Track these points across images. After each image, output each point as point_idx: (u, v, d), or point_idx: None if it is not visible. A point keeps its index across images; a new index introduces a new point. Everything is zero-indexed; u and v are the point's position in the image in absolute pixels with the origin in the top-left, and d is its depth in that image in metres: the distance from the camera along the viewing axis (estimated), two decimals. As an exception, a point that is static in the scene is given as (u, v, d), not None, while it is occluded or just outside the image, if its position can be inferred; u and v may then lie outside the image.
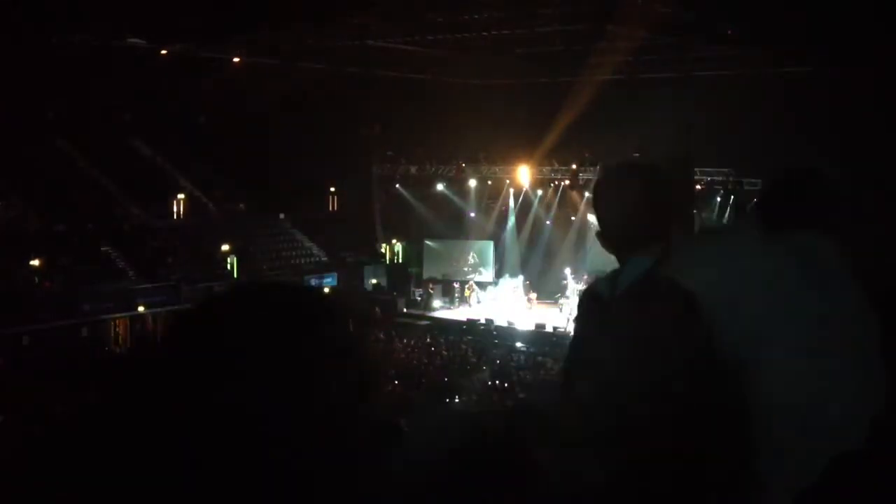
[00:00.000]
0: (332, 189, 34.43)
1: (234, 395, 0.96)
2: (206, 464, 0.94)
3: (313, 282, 26.74)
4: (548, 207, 31.27)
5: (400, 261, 33.87)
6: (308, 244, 32.33)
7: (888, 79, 20.14)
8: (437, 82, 29.39)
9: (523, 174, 29.77)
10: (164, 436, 0.96)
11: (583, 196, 30.31)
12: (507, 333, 26.56)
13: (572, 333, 1.95)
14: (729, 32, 20.86)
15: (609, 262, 1.88)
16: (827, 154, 22.26)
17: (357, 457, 1.01)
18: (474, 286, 30.93)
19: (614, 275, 1.81)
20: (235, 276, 28.08)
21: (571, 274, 28.76)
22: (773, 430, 1.53)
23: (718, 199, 26.49)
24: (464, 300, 30.55)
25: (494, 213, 32.55)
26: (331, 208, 34.79)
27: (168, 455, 0.95)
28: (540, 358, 23.34)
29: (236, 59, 26.73)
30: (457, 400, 17.25)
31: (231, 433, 0.95)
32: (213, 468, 0.94)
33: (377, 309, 28.49)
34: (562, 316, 27.27)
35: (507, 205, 32.34)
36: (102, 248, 26.73)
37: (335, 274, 30.01)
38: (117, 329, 24.99)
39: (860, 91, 21.29)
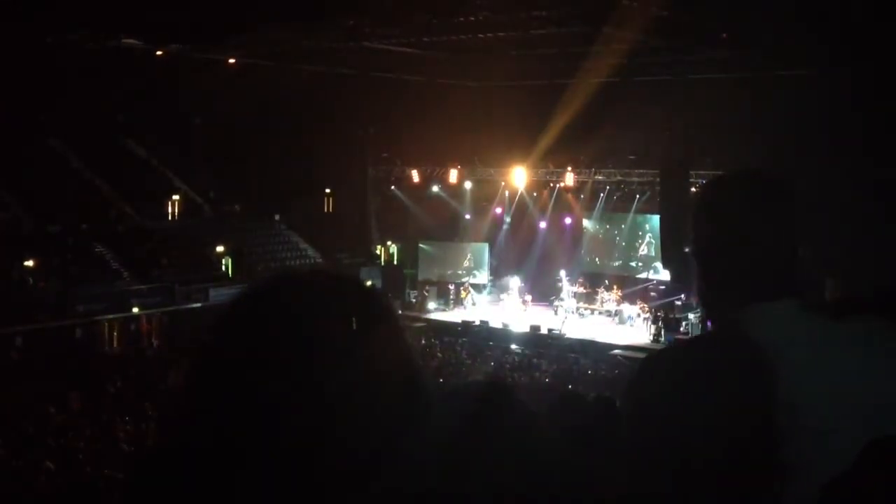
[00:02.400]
0: (328, 190, 34.41)
1: (278, 394, 0.95)
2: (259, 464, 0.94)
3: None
4: (543, 209, 31.27)
5: (395, 262, 33.85)
6: (303, 245, 32.30)
7: (884, 81, 20.19)
8: (433, 84, 29.37)
9: (518, 176, 29.79)
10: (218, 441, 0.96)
11: (577, 198, 30.35)
12: (502, 335, 26.56)
13: None
14: (724, 35, 20.88)
15: (602, 264, 1.83)
16: (823, 157, 22.34)
17: (410, 457, 1.00)
18: (470, 288, 30.94)
19: None
20: (230, 277, 28.04)
21: (566, 276, 28.78)
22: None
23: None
24: (459, 302, 30.54)
25: (489, 215, 32.54)
26: (326, 209, 34.76)
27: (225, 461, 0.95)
28: (535, 360, 23.35)
29: (232, 60, 26.69)
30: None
31: (275, 433, 0.94)
32: (263, 469, 0.94)
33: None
34: (556, 318, 27.30)
35: (502, 207, 32.35)
36: (97, 249, 26.67)
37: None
38: (112, 330, 24.91)
39: (856, 94, 21.34)
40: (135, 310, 25.06)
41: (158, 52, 25.22)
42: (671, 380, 1.49)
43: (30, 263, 24.01)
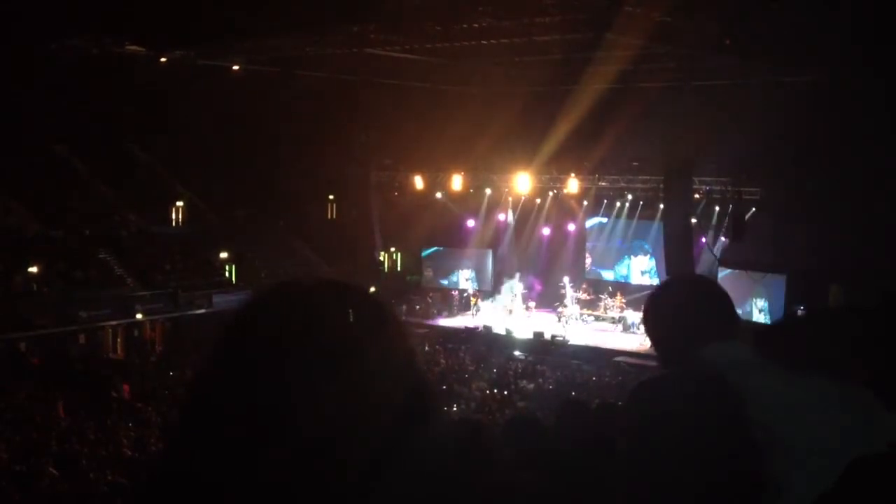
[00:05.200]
0: (331, 196, 34.44)
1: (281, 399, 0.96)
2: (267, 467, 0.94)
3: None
4: (546, 216, 31.27)
5: (398, 269, 33.86)
6: (306, 252, 32.33)
7: (887, 88, 20.17)
8: (436, 90, 29.41)
9: (522, 182, 29.79)
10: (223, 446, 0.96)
11: (581, 204, 30.35)
12: (506, 342, 26.53)
13: None
14: (727, 42, 20.89)
15: (605, 272, 1.91)
16: (827, 162, 22.34)
17: (423, 463, 1.01)
18: (478, 294, 30.97)
19: None
20: (234, 283, 28.05)
21: (570, 282, 28.77)
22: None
23: (717, 208, 26.51)
24: (464, 308, 30.55)
25: (493, 222, 32.54)
26: (329, 216, 34.80)
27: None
28: (539, 366, 23.32)
29: (235, 67, 26.76)
30: (455, 408, 17.21)
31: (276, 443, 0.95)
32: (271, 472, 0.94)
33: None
34: (560, 324, 27.28)
35: (505, 213, 32.35)
36: (100, 255, 26.71)
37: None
38: (115, 336, 24.94)
39: (859, 99, 21.32)
40: (138, 316, 25.09)
41: (163, 59, 25.29)
42: (659, 408, 1.60)
43: (34, 269, 24.05)
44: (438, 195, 32.11)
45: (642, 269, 29.57)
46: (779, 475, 1.51)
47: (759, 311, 25.38)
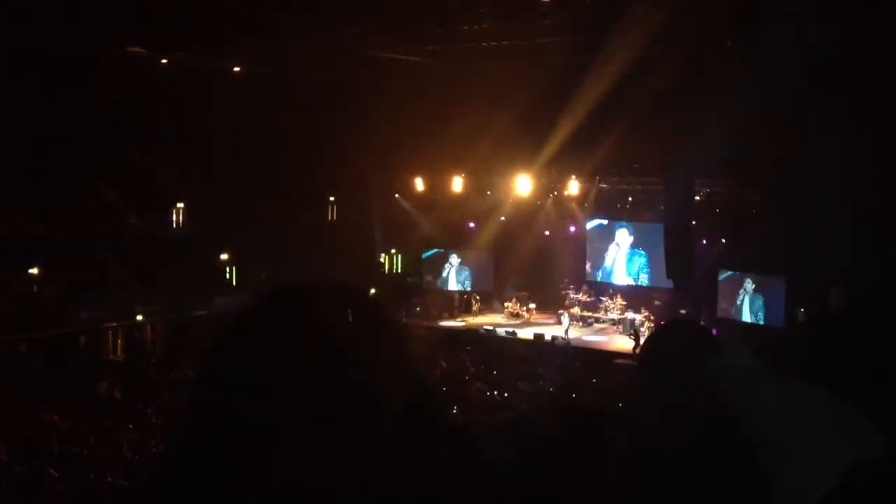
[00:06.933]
0: (332, 198, 34.46)
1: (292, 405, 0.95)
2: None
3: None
4: (547, 218, 31.27)
5: (399, 271, 33.85)
6: (307, 253, 32.30)
7: (888, 90, 20.20)
8: (437, 92, 29.42)
9: (523, 184, 29.80)
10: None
11: (582, 206, 30.35)
12: (507, 343, 26.53)
13: None
14: (729, 44, 20.92)
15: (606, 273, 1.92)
16: (829, 164, 22.34)
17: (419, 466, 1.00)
18: (477, 297, 30.97)
19: None
20: (234, 285, 28.06)
21: (570, 284, 28.78)
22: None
23: (717, 209, 26.51)
24: (465, 310, 30.55)
25: (494, 224, 32.55)
26: (330, 217, 34.80)
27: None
28: (539, 368, 23.32)
29: (237, 69, 26.78)
30: (455, 410, 17.20)
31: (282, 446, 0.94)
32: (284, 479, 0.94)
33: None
34: (561, 326, 27.29)
35: (506, 215, 32.35)
36: (101, 256, 26.71)
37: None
38: (116, 337, 24.95)
39: (861, 100, 21.34)
40: (139, 317, 25.10)
41: (163, 60, 25.31)
42: (649, 413, 1.68)
43: (34, 270, 24.06)
44: (439, 197, 32.13)
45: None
46: (770, 483, 1.52)
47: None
